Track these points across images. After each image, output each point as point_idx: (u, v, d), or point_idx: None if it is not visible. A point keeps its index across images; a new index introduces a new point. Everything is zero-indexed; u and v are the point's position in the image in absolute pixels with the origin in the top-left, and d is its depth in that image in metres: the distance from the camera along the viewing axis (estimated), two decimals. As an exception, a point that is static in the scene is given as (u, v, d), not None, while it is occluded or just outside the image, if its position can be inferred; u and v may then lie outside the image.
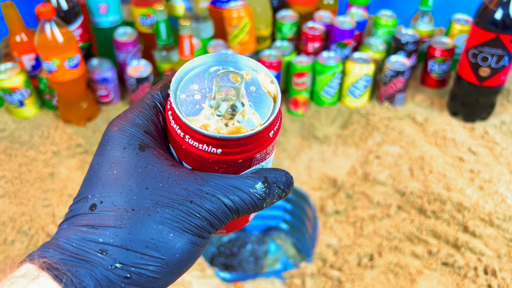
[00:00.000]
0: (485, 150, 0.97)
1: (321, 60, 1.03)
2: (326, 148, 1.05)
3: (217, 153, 0.27)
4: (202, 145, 0.27)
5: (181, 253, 0.26)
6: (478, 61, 0.92)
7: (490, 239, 0.79)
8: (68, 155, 0.95)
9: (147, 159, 0.28)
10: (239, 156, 0.28)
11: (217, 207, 0.27)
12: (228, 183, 0.28)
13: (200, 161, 0.28)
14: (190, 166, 0.29)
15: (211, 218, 0.27)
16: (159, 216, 0.26)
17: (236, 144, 0.27)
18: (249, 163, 0.29)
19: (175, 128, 0.28)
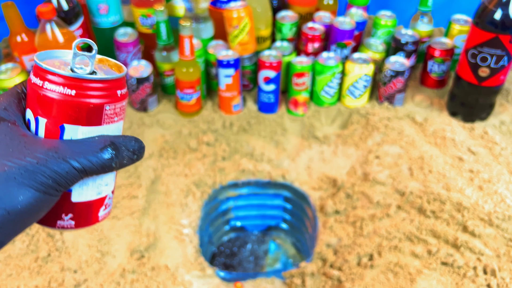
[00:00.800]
0: (485, 150, 0.97)
1: (321, 61, 1.04)
2: (326, 148, 1.06)
3: (71, 95, 0.32)
4: (58, 87, 0.31)
5: (23, 205, 0.30)
6: (477, 61, 0.92)
7: (489, 239, 0.80)
8: (69, 155, 0.95)
9: (1, 129, 0.32)
10: (91, 101, 0.32)
11: (63, 167, 0.31)
12: (75, 146, 0.32)
13: (56, 108, 0.32)
14: (47, 119, 0.33)
15: (57, 177, 0.30)
16: (6, 173, 0.30)
17: (88, 87, 0.32)
18: (100, 114, 0.33)
19: (34, 80, 0.32)
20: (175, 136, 1.04)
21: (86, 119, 0.33)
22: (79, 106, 0.32)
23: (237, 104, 1.07)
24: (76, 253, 0.78)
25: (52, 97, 0.32)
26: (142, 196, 0.89)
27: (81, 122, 0.33)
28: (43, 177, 0.30)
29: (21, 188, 0.30)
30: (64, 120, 0.32)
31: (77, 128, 0.33)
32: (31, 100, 0.33)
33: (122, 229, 0.84)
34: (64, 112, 0.32)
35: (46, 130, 0.33)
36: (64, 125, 0.33)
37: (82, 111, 0.32)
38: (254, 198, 1.05)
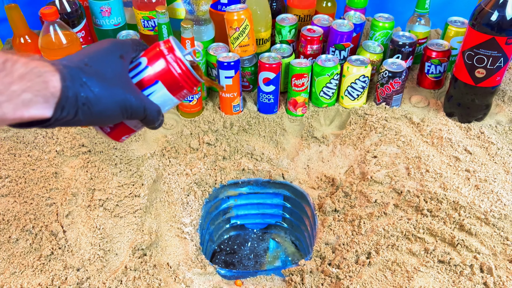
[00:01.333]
0: (481, 150, 0.98)
1: (320, 62, 1.05)
2: (325, 148, 1.07)
3: (179, 73, 0.52)
4: (176, 67, 0.52)
5: (112, 99, 0.47)
6: (474, 62, 0.94)
7: (486, 238, 0.81)
8: (72, 155, 0.97)
9: (124, 64, 0.51)
10: (183, 83, 0.53)
11: (140, 101, 0.49)
12: (151, 102, 0.52)
13: (163, 71, 0.52)
14: (153, 71, 0.52)
15: (133, 108, 0.49)
16: (113, 80, 0.47)
17: (189, 76, 0.53)
18: (180, 91, 0.54)
19: (166, 53, 0.52)
20: (176, 136, 1.06)
21: (171, 88, 0.53)
22: (176, 80, 0.52)
23: (237, 105, 1.09)
24: (79, 251, 0.79)
25: (167, 67, 0.51)
26: (144, 195, 0.91)
27: (167, 87, 0.52)
28: (127, 101, 0.48)
29: (119, 91, 0.47)
30: (161, 79, 0.52)
31: (163, 88, 0.52)
32: (153, 56, 0.52)
33: (124, 227, 0.85)
34: (166, 76, 0.51)
35: (146, 75, 0.52)
36: (158, 81, 0.52)
37: (175, 83, 0.52)
38: (254, 197, 1.06)
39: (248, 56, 1.10)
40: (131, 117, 0.49)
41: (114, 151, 0.99)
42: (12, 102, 0.38)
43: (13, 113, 0.38)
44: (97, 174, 0.93)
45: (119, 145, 1.00)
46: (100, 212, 0.86)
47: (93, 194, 0.89)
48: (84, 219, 0.85)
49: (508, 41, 0.89)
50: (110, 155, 0.97)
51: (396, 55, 1.11)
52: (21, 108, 0.38)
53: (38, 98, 0.39)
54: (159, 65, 0.51)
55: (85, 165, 0.95)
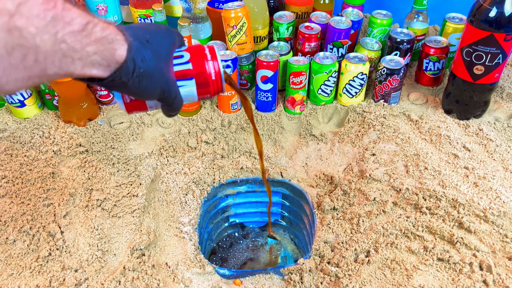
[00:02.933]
0: (480, 147, 0.98)
1: (318, 60, 1.05)
2: (323, 145, 1.07)
3: (212, 77, 0.57)
4: (213, 70, 0.57)
5: (159, 80, 0.51)
6: (472, 59, 0.94)
7: (485, 235, 0.81)
8: (69, 155, 0.96)
9: (173, 52, 0.56)
10: (212, 87, 0.58)
11: (175, 89, 0.54)
12: (179, 92, 0.56)
13: (200, 70, 0.56)
14: (192, 66, 0.56)
15: (172, 87, 0.53)
16: (164, 63, 0.52)
17: (218, 82, 0.58)
18: (205, 94, 0.58)
19: (208, 56, 0.57)
20: (174, 135, 1.05)
21: (200, 88, 0.57)
22: (208, 84, 0.57)
23: (235, 103, 1.08)
24: (77, 252, 0.79)
25: (206, 69, 0.56)
26: (142, 195, 0.90)
27: (198, 86, 0.56)
28: (168, 86, 0.52)
29: (159, 82, 0.51)
30: (196, 77, 0.56)
31: (194, 86, 0.56)
32: (197, 55, 0.56)
33: (123, 227, 0.85)
34: (201, 76, 0.56)
35: (186, 69, 0.56)
36: (193, 78, 0.56)
37: (205, 86, 0.57)
38: (252, 196, 1.06)
39: (245, 54, 1.09)
40: (163, 100, 0.53)
41: (112, 150, 0.98)
42: (83, 60, 0.42)
43: (81, 69, 0.42)
44: (95, 174, 0.92)
45: (116, 144, 1.00)
46: (98, 212, 0.86)
47: (90, 194, 0.88)
48: (82, 219, 0.84)
49: (507, 37, 0.89)
50: (107, 154, 0.97)
51: (394, 52, 1.11)
52: (88, 66, 0.43)
53: (103, 61, 0.44)
54: (199, 65, 0.56)
55: (82, 165, 0.94)
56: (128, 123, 1.06)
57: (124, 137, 1.02)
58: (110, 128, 1.03)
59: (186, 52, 0.57)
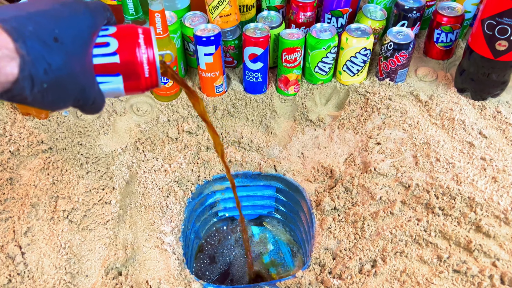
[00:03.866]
0: (498, 133, 0.87)
1: (314, 33, 0.90)
2: (321, 132, 0.95)
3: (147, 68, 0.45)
4: (148, 58, 0.44)
5: (71, 90, 0.39)
6: (495, 33, 0.80)
7: (505, 240, 0.72)
8: (30, 155, 0.83)
9: (92, 44, 0.42)
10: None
11: (93, 92, 0.42)
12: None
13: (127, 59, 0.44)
14: (118, 53, 0.43)
15: (88, 92, 0.41)
16: (80, 66, 0.39)
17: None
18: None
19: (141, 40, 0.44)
20: (151, 125, 0.92)
21: (129, 86, 0.45)
22: (140, 82, 0.45)
23: (220, 85, 0.95)
24: (41, 277, 0.68)
25: (139, 66, 0.44)
26: (116, 202, 0.79)
27: (125, 83, 0.44)
28: (83, 94, 0.41)
29: (70, 93, 0.39)
30: (124, 74, 0.44)
31: (120, 83, 0.44)
32: (126, 45, 0.43)
33: (95, 242, 0.74)
34: (132, 74, 0.44)
35: (111, 62, 0.43)
36: (120, 75, 0.44)
37: (136, 83, 0.45)
38: (243, 190, 0.95)
39: (230, 28, 0.94)
40: (76, 107, 0.42)
41: (79, 148, 0.85)
42: None
43: None
44: (60, 178, 0.80)
45: (84, 140, 0.87)
46: (65, 226, 0.74)
47: (56, 203, 0.77)
48: (47, 235, 0.73)
49: (538, 8, 0.75)
50: (74, 153, 0.84)
51: (401, 22, 0.96)
52: None
53: None
54: (129, 59, 0.43)
55: (45, 167, 0.82)
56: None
57: (94, 130, 0.89)
58: (77, 120, 0.90)
59: (113, 38, 0.43)
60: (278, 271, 0.96)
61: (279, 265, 0.97)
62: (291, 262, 0.97)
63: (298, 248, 0.99)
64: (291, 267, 0.96)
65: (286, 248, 0.99)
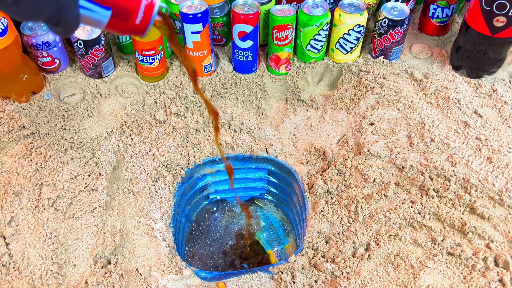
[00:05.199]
0: (493, 112, 0.86)
1: (306, 10, 0.87)
2: (313, 112, 0.92)
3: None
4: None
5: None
6: (493, 8, 0.77)
7: (499, 221, 0.71)
8: (11, 140, 0.80)
9: None
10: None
11: (71, 15, 0.39)
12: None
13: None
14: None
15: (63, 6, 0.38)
16: None
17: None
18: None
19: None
20: (138, 107, 0.89)
21: (114, 21, 0.42)
22: (129, 19, 0.42)
23: (208, 65, 0.91)
24: (27, 268, 0.66)
25: (134, 9, 0.42)
26: (102, 188, 0.76)
27: (112, 21, 0.42)
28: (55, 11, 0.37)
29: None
30: (115, 11, 0.41)
31: (105, 18, 0.41)
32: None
33: (82, 230, 0.72)
34: (125, 10, 0.41)
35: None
36: (110, 10, 0.41)
37: (124, 20, 0.42)
38: (234, 173, 0.93)
39: (218, 4, 0.90)
40: (50, 22, 0.39)
41: (63, 132, 0.82)
42: None
43: None
44: (44, 164, 0.77)
45: (68, 124, 0.83)
46: (50, 215, 0.72)
47: (40, 191, 0.74)
48: (32, 224, 0.71)
49: (538, -18, 0.72)
50: (58, 138, 0.81)
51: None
52: None
53: None
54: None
55: (28, 153, 0.78)
56: (82, 95, 0.89)
57: (77, 113, 0.85)
58: (60, 103, 0.86)
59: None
60: (272, 246, 0.95)
61: (273, 239, 0.96)
62: (284, 237, 0.96)
63: (291, 228, 0.98)
64: (284, 241, 0.95)
65: (278, 223, 0.98)
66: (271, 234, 0.97)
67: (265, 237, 0.97)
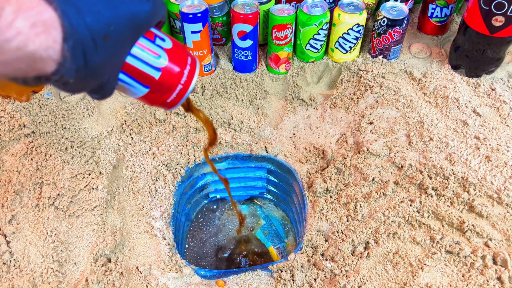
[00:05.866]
0: (492, 111, 0.86)
1: (306, 9, 0.87)
2: (313, 112, 0.93)
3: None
4: None
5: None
6: (491, 8, 0.78)
7: (498, 220, 0.71)
8: (11, 139, 0.80)
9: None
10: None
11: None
12: None
13: None
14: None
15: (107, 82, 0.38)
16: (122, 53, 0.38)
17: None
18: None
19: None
20: (138, 106, 0.89)
21: (147, 97, 0.43)
22: (162, 101, 0.44)
23: (208, 64, 0.92)
24: (28, 266, 0.66)
25: (175, 89, 0.43)
26: (103, 187, 0.77)
27: (147, 94, 0.43)
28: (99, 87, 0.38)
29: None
30: (152, 88, 0.42)
31: (143, 92, 0.42)
32: (174, 63, 0.42)
33: (82, 229, 0.72)
34: (161, 91, 0.43)
35: (147, 72, 0.41)
36: (148, 87, 0.42)
37: (157, 99, 0.43)
38: (234, 172, 0.94)
39: (218, 3, 0.90)
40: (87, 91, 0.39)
41: (63, 131, 0.82)
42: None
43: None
44: (44, 163, 0.78)
45: (68, 123, 0.84)
46: (51, 213, 0.72)
47: (41, 190, 0.74)
48: (32, 223, 0.71)
49: (536, -19, 0.73)
50: (58, 137, 0.81)
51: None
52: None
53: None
54: (168, 83, 0.42)
55: (29, 152, 0.79)
56: (82, 94, 0.89)
57: (78, 112, 0.86)
58: (60, 102, 0.86)
59: (166, 55, 0.41)
60: (274, 243, 0.95)
61: (273, 236, 0.96)
62: (284, 236, 0.96)
63: (290, 227, 0.98)
64: (284, 239, 0.95)
65: (278, 222, 0.99)
66: (271, 232, 0.97)
67: (266, 235, 0.97)
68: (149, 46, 0.40)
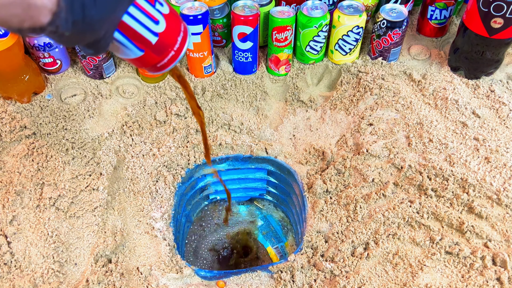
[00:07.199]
0: (491, 112, 0.86)
1: (306, 11, 0.87)
2: (313, 113, 0.93)
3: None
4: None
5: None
6: (490, 10, 0.78)
7: (497, 220, 0.72)
8: (12, 140, 0.81)
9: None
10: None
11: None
12: None
13: None
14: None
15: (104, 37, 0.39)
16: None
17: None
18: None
19: None
20: (138, 107, 0.90)
21: (141, 60, 0.44)
22: (155, 64, 0.45)
23: (208, 66, 0.92)
24: (29, 266, 0.67)
25: (169, 54, 0.44)
26: (103, 188, 0.77)
27: (140, 57, 0.44)
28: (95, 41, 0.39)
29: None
30: (147, 51, 0.43)
31: (137, 53, 0.43)
32: (170, 31, 0.43)
33: (83, 229, 0.73)
34: (155, 55, 0.44)
35: (144, 35, 0.42)
36: (143, 50, 0.43)
37: (150, 63, 0.45)
38: (234, 173, 0.94)
39: (218, 5, 0.91)
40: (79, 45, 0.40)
41: (64, 132, 0.83)
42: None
43: None
44: (45, 164, 0.78)
45: (69, 124, 0.84)
46: (52, 214, 0.72)
47: (42, 191, 0.75)
48: (33, 223, 0.71)
49: (535, -17, 0.73)
50: (59, 138, 0.82)
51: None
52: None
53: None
54: (162, 48, 0.43)
55: (29, 153, 0.79)
56: (83, 95, 0.89)
57: (79, 113, 0.86)
58: (61, 103, 0.87)
59: (164, 20, 0.42)
60: (272, 243, 0.96)
61: (272, 237, 0.97)
62: (284, 236, 0.96)
63: (290, 228, 0.99)
64: (283, 239, 0.96)
65: (277, 223, 0.99)
66: (270, 233, 0.97)
67: (264, 235, 0.97)
68: (150, 10, 0.41)
